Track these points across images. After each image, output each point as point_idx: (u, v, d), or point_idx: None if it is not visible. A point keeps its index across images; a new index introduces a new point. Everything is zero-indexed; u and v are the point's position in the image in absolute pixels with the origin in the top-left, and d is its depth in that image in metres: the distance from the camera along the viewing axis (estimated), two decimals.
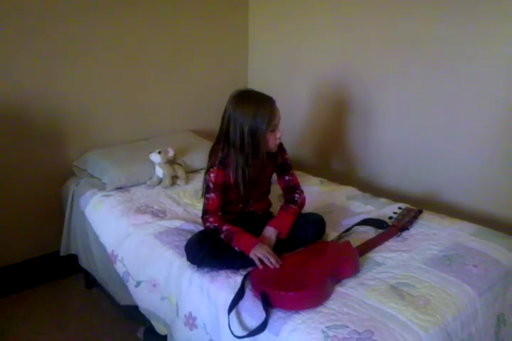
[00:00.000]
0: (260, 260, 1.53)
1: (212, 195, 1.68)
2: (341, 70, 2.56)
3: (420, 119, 2.28)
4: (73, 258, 2.36)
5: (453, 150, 2.18)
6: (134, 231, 1.90)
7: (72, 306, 2.33)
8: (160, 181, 2.26)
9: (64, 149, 2.43)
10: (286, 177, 1.81)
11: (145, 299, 1.80)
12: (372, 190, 2.42)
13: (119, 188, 2.22)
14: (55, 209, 2.44)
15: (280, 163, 1.79)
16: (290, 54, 2.82)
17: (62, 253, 2.39)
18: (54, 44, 2.25)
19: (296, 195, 1.79)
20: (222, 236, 1.63)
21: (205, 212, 1.70)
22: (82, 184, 2.29)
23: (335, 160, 2.77)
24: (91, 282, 2.42)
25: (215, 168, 1.67)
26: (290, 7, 2.73)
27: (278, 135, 1.65)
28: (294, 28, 2.74)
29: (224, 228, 1.64)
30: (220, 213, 1.69)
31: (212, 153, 1.72)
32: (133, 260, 1.85)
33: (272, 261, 1.51)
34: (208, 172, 1.70)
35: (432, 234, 1.79)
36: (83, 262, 2.29)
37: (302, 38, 2.71)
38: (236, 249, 1.59)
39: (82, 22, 2.31)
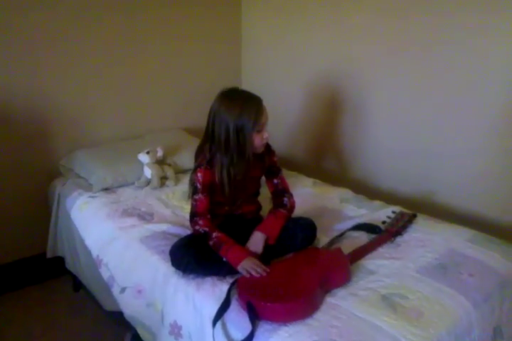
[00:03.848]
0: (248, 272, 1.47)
1: (200, 195, 1.63)
2: (335, 69, 2.49)
3: (416, 119, 2.21)
4: (61, 260, 2.31)
5: (450, 151, 2.12)
6: (119, 235, 1.84)
7: (58, 310, 2.27)
8: (148, 182, 2.19)
9: (51, 148, 2.37)
10: (275, 181, 1.75)
11: (130, 305, 1.73)
12: (367, 191, 2.36)
13: (106, 189, 2.16)
14: (42, 210, 2.38)
15: (268, 165, 1.73)
16: (284, 52, 2.75)
17: (49, 255, 2.33)
18: (37, 40, 2.18)
19: (285, 199, 1.72)
20: (210, 243, 1.57)
21: (194, 214, 1.64)
22: (69, 184, 2.23)
23: (329, 160, 2.71)
24: (78, 284, 2.36)
25: (202, 167, 1.62)
26: (284, 5, 2.65)
27: (265, 135, 1.59)
28: (287, 26, 2.67)
29: (214, 235, 1.57)
30: (209, 216, 1.63)
31: (199, 153, 1.67)
32: (118, 265, 1.79)
33: (258, 271, 1.46)
34: (194, 172, 1.65)
35: (426, 239, 1.73)
36: (69, 265, 2.24)
37: (296, 35, 2.64)
38: (223, 259, 1.53)
39: (68, 18, 2.24)
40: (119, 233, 1.84)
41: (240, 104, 1.53)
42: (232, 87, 1.61)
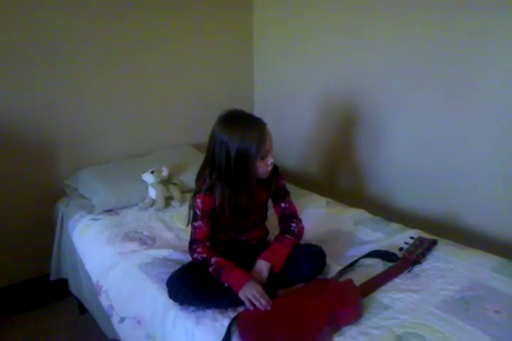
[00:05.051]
0: (250, 301, 1.36)
1: (199, 222, 1.53)
2: (351, 82, 2.37)
3: (436, 136, 2.07)
4: (66, 281, 2.23)
5: (475, 170, 1.96)
6: (119, 261, 1.75)
7: (61, 334, 2.18)
8: (153, 203, 2.11)
9: (56, 167, 2.32)
10: (282, 205, 1.64)
11: (129, 336, 1.64)
12: (385, 210, 2.24)
13: (109, 210, 2.08)
14: (47, 230, 2.31)
15: (276, 189, 1.61)
16: (297, 65, 2.65)
17: (52, 277, 2.26)
18: (40, 59, 2.13)
19: (293, 225, 1.61)
20: (210, 269, 1.47)
21: (193, 242, 1.55)
22: (72, 205, 2.16)
23: (344, 177, 2.58)
24: (84, 307, 2.28)
25: (201, 193, 1.52)
26: (296, 17, 2.55)
27: (269, 162, 1.48)
28: (300, 39, 2.57)
29: (213, 260, 1.47)
30: (208, 243, 1.54)
31: (200, 178, 1.57)
32: (117, 293, 1.70)
33: (262, 302, 1.34)
34: (194, 197, 1.55)
35: (447, 269, 1.59)
36: (72, 288, 2.17)
37: (310, 48, 2.53)
38: (225, 284, 1.43)
39: (76, 30, 2.19)
40: (118, 259, 1.76)
41: (242, 128, 1.41)
42: (234, 110, 1.49)
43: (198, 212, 1.52)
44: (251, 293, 1.37)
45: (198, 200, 1.52)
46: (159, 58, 2.50)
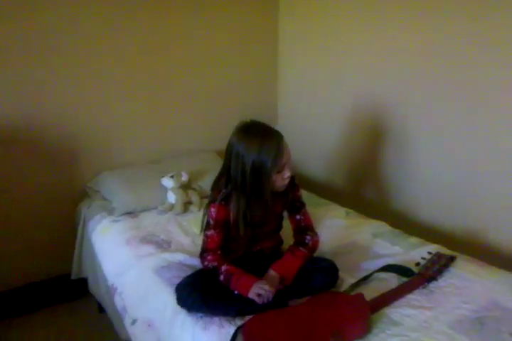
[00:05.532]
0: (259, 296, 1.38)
1: (212, 232, 1.53)
2: (380, 92, 2.32)
3: (463, 150, 2.00)
4: (86, 281, 2.28)
5: (500, 184, 1.89)
6: (134, 264, 1.78)
7: (81, 331, 2.23)
8: (172, 207, 2.13)
9: (81, 169, 2.37)
10: (298, 217, 1.62)
11: (141, 339, 1.65)
12: (406, 224, 2.18)
13: (129, 213, 2.12)
14: (70, 231, 2.37)
15: (292, 200, 1.60)
16: (323, 75, 2.62)
17: (73, 276, 2.31)
18: (70, 63, 2.19)
19: (308, 237, 1.59)
20: (220, 278, 1.47)
21: (204, 250, 1.56)
22: (94, 207, 2.21)
23: (367, 188, 2.54)
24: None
25: (216, 203, 1.52)
26: (322, 26, 2.54)
27: (286, 175, 1.46)
28: (327, 47, 2.55)
29: (223, 268, 1.48)
30: (219, 252, 1.54)
31: (215, 187, 1.57)
32: (131, 295, 1.72)
33: (266, 294, 1.37)
34: (208, 206, 1.55)
35: (464, 287, 1.53)
36: (92, 288, 2.21)
37: (336, 57, 2.51)
38: (235, 292, 1.43)
39: (103, 39, 2.25)
40: (134, 261, 1.78)
41: (259, 141, 1.39)
42: (252, 121, 1.48)
43: (212, 221, 1.53)
44: (259, 287, 1.38)
45: (212, 209, 1.52)
46: (185, 65, 2.53)
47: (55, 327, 2.26)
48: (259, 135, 1.42)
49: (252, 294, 1.39)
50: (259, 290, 1.38)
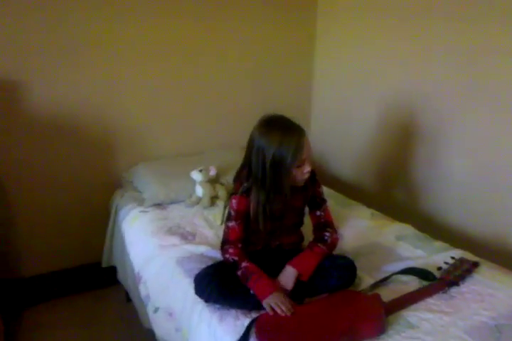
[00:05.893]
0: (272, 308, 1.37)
1: (233, 223, 1.56)
2: (412, 92, 2.29)
3: (495, 155, 1.95)
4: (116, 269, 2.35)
5: None
6: (159, 254, 1.83)
7: (107, 319, 2.30)
8: (199, 200, 2.17)
9: (118, 159, 2.46)
10: (318, 213, 1.63)
11: (161, 327, 1.71)
12: (432, 227, 2.14)
13: (158, 204, 2.18)
14: (103, 219, 2.46)
15: (312, 195, 1.61)
16: (357, 73, 2.61)
17: (104, 264, 2.40)
18: (116, 65, 2.29)
19: (327, 234, 1.59)
20: (239, 273, 1.49)
21: (225, 242, 1.58)
22: (126, 197, 2.29)
23: (396, 190, 2.51)
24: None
25: (238, 194, 1.54)
26: (359, 22, 2.52)
27: (306, 170, 1.47)
28: (362, 45, 2.53)
29: (243, 264, 1.49)
30: (240, 245, 1.56)
31: (237, 179, 1.60)
32: (154, 283, 1.78)
33: (283, 309, 1.35)
34: (230, 198, 1.58)
35: (486, 293, 1.50)
36: (120, 276, 2.28)
37: (371, 56, 2.49)
38: (251, 291, 1.44)
39: (146, 43, 2.33)
40: (159, 251, 1.84)
41: (280, 135, 1.40)
42: (275, 114, 1.49)
43: (233, 213, 1.55)
44: (274, 302, 1.37)
45: (234, 201, 1.55)
46: (219, 62, 2.58)
47: (82, 313, 2.34)
48: (280, 129, 1.43)
49: (266, 304, 1.38)
50: (273, 305, 1.36)
